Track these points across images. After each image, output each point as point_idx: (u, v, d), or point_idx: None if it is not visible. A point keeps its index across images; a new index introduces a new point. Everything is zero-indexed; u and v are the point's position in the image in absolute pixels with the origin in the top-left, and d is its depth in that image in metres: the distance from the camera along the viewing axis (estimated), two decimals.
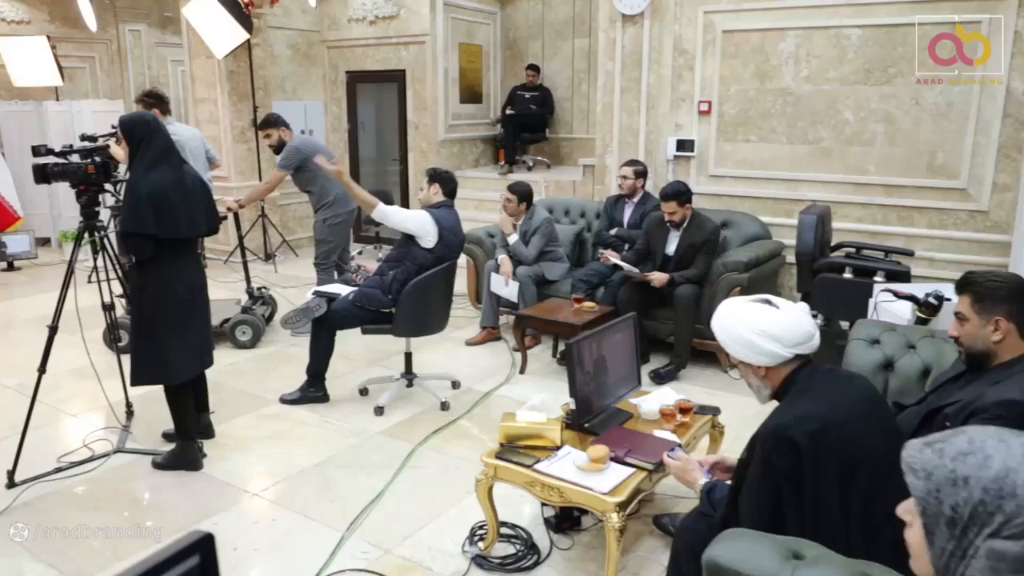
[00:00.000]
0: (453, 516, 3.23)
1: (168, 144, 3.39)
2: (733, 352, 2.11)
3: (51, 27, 8.97)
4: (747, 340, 2.04)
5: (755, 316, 2.05)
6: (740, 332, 2.05)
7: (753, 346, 2.03)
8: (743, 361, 2.09)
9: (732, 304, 2.15)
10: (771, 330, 2.01)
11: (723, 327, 2.11)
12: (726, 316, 2.12)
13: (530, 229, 5.25)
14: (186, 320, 3.48)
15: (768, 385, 2.08)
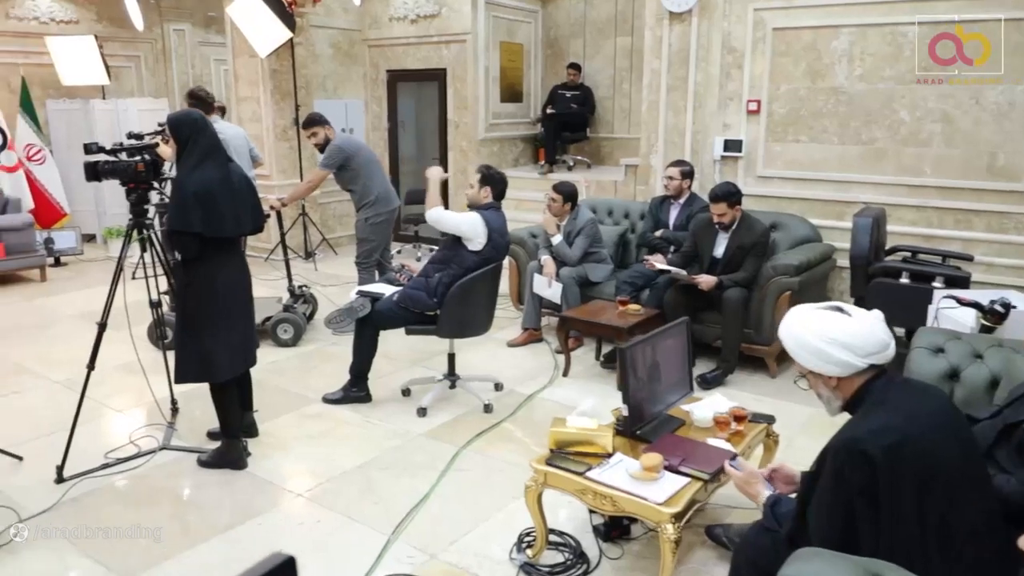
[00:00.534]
0: (499, 521, 3.17)
1: (215, 142, 3.38)
2: (803, 362, 2.01)
3: (98, 27, 9.10)
4: (817, 349, 1.95)
5: (826, 324, 1.96)
6: (810, 341, 1.96)
7: (824, 355, 1.94)
8: (813, 371, 2.00)
9: (801, 312, 2.06)
10: (843, 338, 1.92)
11: (792, 335, 2.02)
12: (795, 324, 2.03)
13: (574, 230, 5.17)
14: (231, 318, 3.47)
15: (840, 396, 1.99)
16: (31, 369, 4.99)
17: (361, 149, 5.63)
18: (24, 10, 8.71)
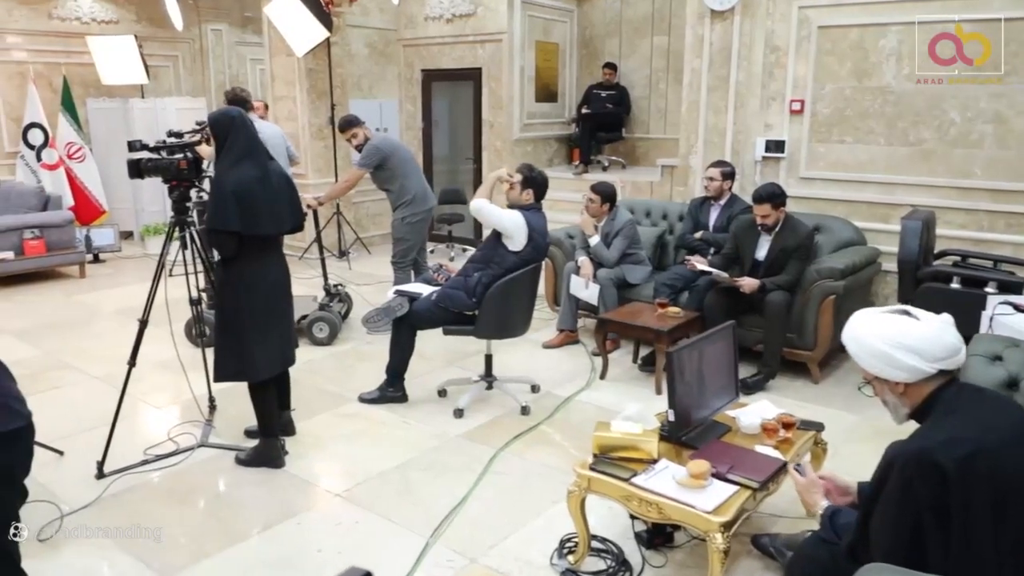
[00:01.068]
0: (539, 526, 3.12)
1: (253, 140, 3.37)
2: (868, 367, 1.94)
3: (138, 27, 9.21)
4: (884, 354, 1.87)
5: (893, 328, 1.89)
6: (876, 345, 1.89)
7: (891, 360, 1.86)
8: (879, 377, 1.92)
9: (866, 315, 1.99)
10: (911, 343, 1.85)
11: (856, 339, 1.95)
12: (859, 328, 1.96)
13: (612, 231, 5.11)
14: (269, 317, 3.46)
15: (907, 403, 1.91)
16: (71, 364, 5.04)
17: (398, 148, 5.62)
18: (66, 10, 8.83)
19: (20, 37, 8.51)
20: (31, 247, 7.15)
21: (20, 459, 1.87)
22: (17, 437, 1.83)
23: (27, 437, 1.88)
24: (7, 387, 1.84)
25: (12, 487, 1.86)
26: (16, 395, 1.86)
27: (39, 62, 8.57)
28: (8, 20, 8.40)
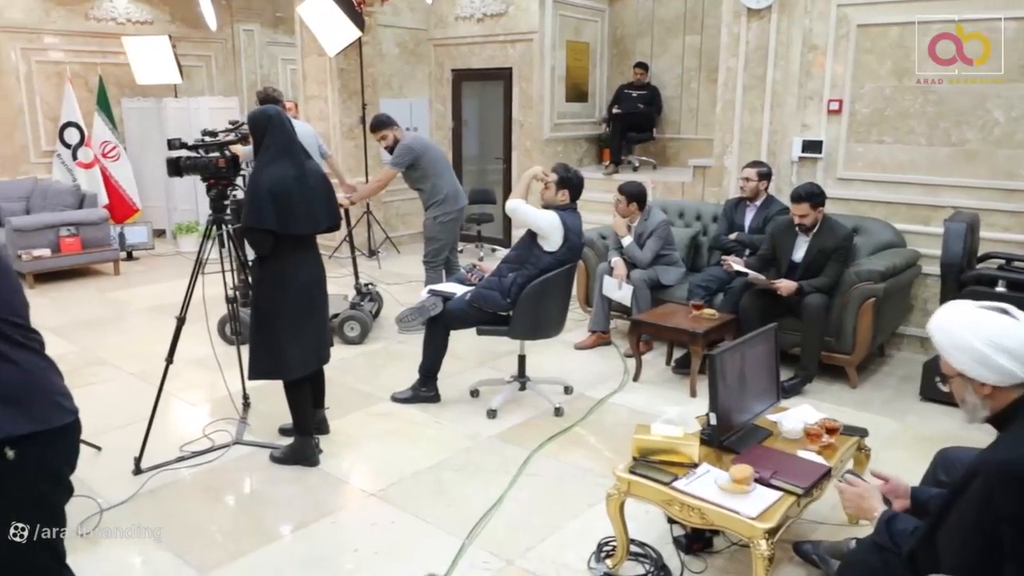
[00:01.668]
0: (576, 529, 3.09)
1: (290, 139, 3.37)
2: (955, 363, 1.84)
3: (172, 27, 9.31)
4: (978, 352, 1.78)
5: (992, 326, 1.79)
6: (970, 341, 1.79)
7: (984, 360, 1.77)
8: (964, 374, 1.84)
9: (961, 308, 1.88)
10: (1010, 344, 1.75)
11: (947, 332, 1.85)
12: (954, 320, 1.86)
13: (646, 231, 5.06)
14: (304, 316, 3.46)
15: (988, 407, 1.82)
16: (106, 360, 5.09)
17: (430, 148, 5.61)
18: (103, 11, 8.95)
19: (57, 37, 8.65)
20: (67, 244, 7.25)
21: (67, 456, 1.87)
22: (65, 434, 1.83)
23: (74, 434, 1.88)
24: (55, 383, 1.83)
25: (59, 484, 1.86)
26: (64, 391, 1.85)
27: (76, 62, 8.70)
28: (46, 21, 8.53)
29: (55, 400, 1.80)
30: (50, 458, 1.80)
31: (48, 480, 1.82)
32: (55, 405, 1.80)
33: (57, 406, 1.80)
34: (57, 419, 1.79)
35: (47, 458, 1.79)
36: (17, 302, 1.79)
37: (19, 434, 1.72)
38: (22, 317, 1.79)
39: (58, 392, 1.83)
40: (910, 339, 5.10)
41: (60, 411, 1.81)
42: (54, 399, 1.80)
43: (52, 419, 1.78)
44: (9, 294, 1.76)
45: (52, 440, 1.78)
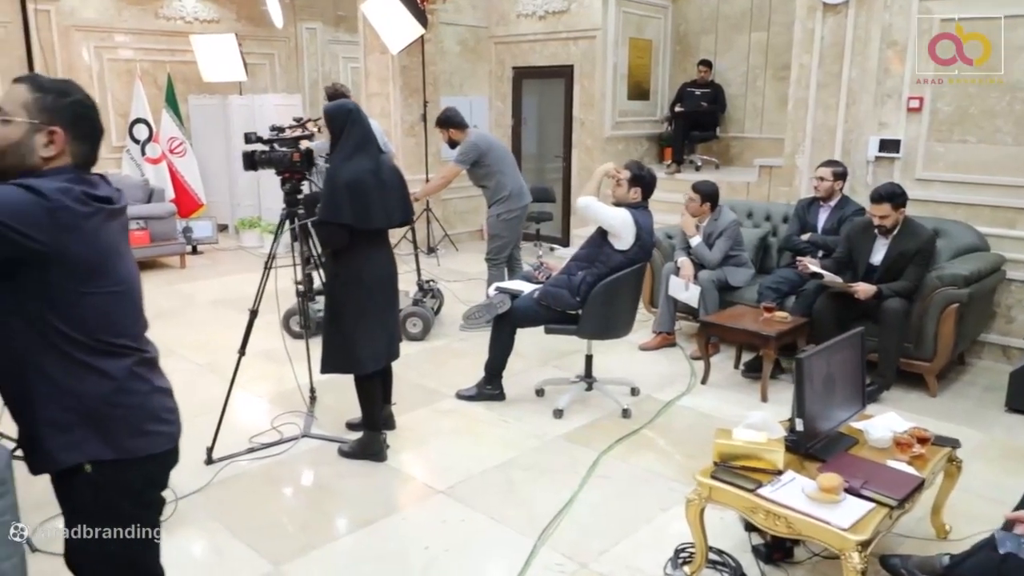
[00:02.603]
0: (649, 534, 3.02)
1: (367, 134, 3.37)
2: None
3: (238, 26, 9.47)
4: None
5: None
6: None
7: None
8: None
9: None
10: None
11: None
12: None
13: (715, 231, 4.95)
14: (377, 311, 3.46)
15: None
16: (175, 352, 5.16)
17: (495, 145, 5.58)
18: (172, 10, 9.16)
19: (128, 36, 8.87)
20: (136, 237, 7.40)
21: (152, 479, 1.84)
22: (149, 461, 1.79)
23: (164, 459, 1.84)
24: (151, 408, 1.78)
25: (140, 501, 1.84)
26: (160, 417, 1.80)
27: (145, 60, 8.91)
28: (118, 20, 8.76)
29: (143, 428, 1.75)
30: (131, 481, 1.77)
31: (129, 498, 1.78)
32: (141, 433, 1.74)
33: (144, 434, 1.75)
34: (142, 448, 1.75)
35: (126, 481, 1.76)
36: (129, 323, 1.75)
37: (98, 459, 1.70)
38: (130, 337, 1.75)
39: (152, 418, 1.77)
40: (991, 347, 4.88)
41: (147, 439, 1.75)
42: (142, 426, 1.75)
43: (136, 448, 1.74)
44: (120, 315, 1.73)
45: (134, 466, 1.75)
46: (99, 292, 1.66)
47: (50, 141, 1.65)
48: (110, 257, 1.69)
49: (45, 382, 1.64)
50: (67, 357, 1.64)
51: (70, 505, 1.77)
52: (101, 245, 1.66)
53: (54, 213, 1.56)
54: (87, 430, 1.68)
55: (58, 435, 1.67)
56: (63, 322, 1.62)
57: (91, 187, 1.68)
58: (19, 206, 1.53)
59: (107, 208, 1.69)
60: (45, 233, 1.54)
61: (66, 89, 1.69)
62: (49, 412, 1.66)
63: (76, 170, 1.69)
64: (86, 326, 1.65)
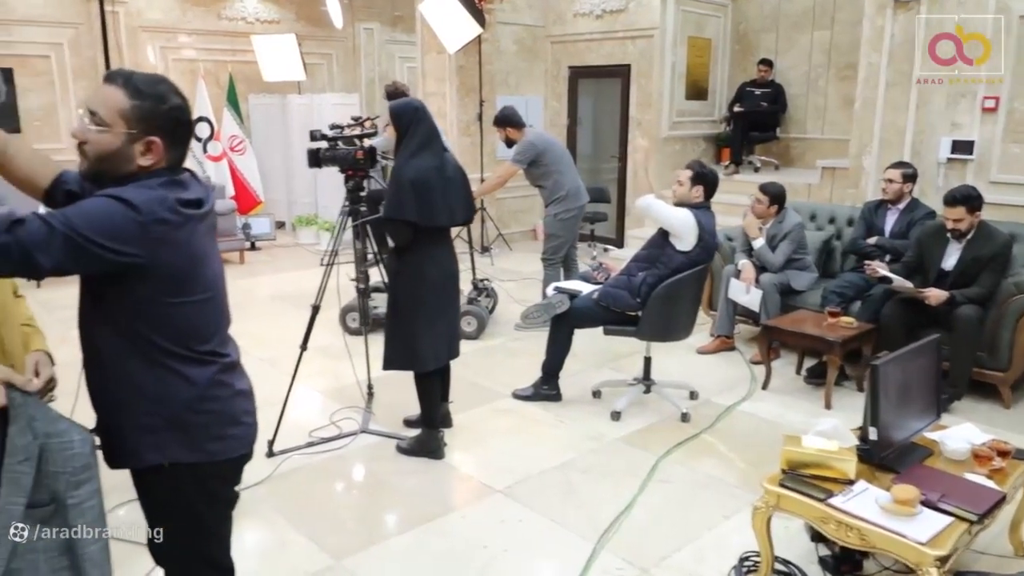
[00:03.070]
0: (711, 541, 2.96)
1: (432, 132, 3.38)
2: None
3: (297, 26, 9.62)
4: None
5: None
6: None
7: None
8: None
9: None
10: None
11: None
12: None
13: (779, 233, 4.84)
14: (439, 309, 3.47)
15: None
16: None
17: (552, 145, 5.55)
18: (234, 11, 9.35)
19: (192, 36, 9.09)
20: None
21: (229, 480, 1.87)
22: (227, 464, 1.82)
23: (240, 464, 1.87)
24: (232, 413, 1.80)
25: (216, 502, 1.86)
26: (240, 420, 1.82)
27: (208, 60, 9.12)
28: (182, 20, 8.98)
29: (223, 433, 1.77)
30: (208, 481, 1.79)
31: (205, 496, 1.81)
32: (220, 437, 1.76)
33: (223, 438, 1.77)
34: (221, 452, 1.77)
35: (203, 480, 1.78)
36: (213, 329, 1.76)
37: (184, 463, 1.72)
38: (215, 343, 1.76)
39: (232, 422, 1.79)
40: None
41: (225, 443, 1.77)
42: (223, 431, 1.76)
43: (215, 452, 1.76)
44: (205, 323, 1.73)
45: (212, 467, 1.77)
46: (186, 302, 1.66)
47: (148, 150, 1.62)
48: (197, 265, 1.68)
49: (132, 387, 1.67)
50: (154, 364, 1.66)
51: (149, 500, 1.81)
52: (190, 253, 1.65)
53: (147, 227, 1.54)
54: (170, 433, 1.70)
55: (143, 436, 1.70)
56: (151, 331, 1.63)
57: (183, 190, 1.65)
58: (111, 222, 1.51)
59: (199, 213, 1.67)
60: (137, 247, 1.53)
61: (162, 94, 1.63)
62: (135, 415, 1.69)
63: (169, 171, 1.66)
64: (173, 335, 1.66)
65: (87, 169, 1.65)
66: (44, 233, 1.46)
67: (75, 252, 1.48)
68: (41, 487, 1.58)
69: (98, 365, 1.70)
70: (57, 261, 1.48)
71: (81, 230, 1.48)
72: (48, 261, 1.47)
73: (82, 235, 1.48)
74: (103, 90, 1.62)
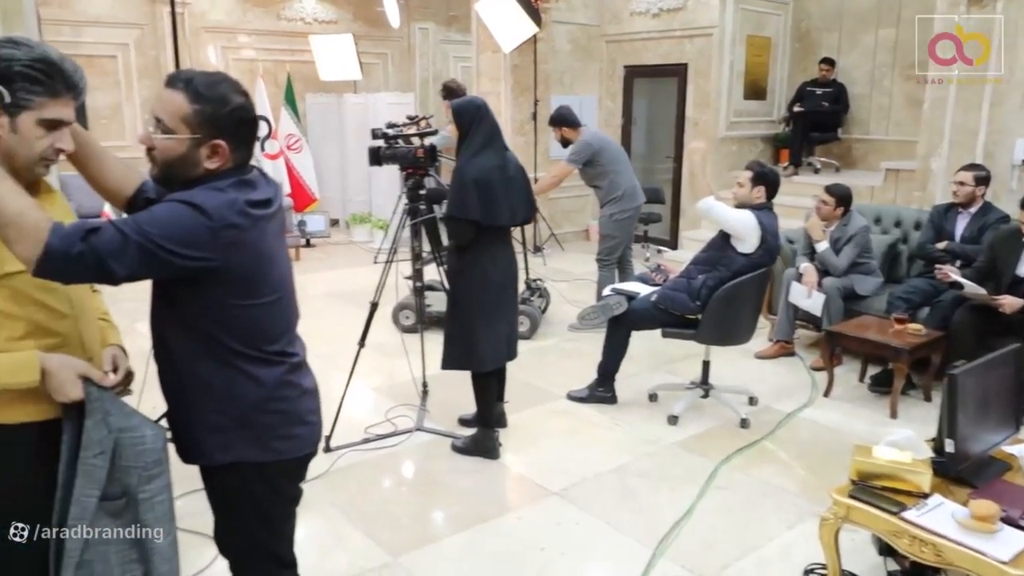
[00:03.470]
0: (774, 551, 2.89)
1: (495, 130, 3.36)
2: None
3: (354, 26, 9.72)
4: None
5: None
6: None
7: None
8: None
9: None
10: None
11: None
12: None
13: (843, 237, 4.71)
14: (499, 309, 3.45)
15: None
16: None
17: (608, 144, 5.50)
18: (292, 11, 9.49)
19: (251, 37, 9.25)
20: None
21: (294, 479, 1.88)
22: (294, 463, 1.84)
23: (305, 463, 1.89)
24: (299, 412, 1.81)
25: (282, 498, 1.87)
26: (306, 420, 1.84)
27: (267, 60, 9.27)
28: (243, 21, 9.15)
29: (290, 432, 1.78)
30: (274, 478, 1.81)
31: (271, 494, 1.82)
32: (287, 437, 1.77)
33: (290, 437, 1.78)
34: (287, 451, 1.78)
35: (269, 478, 1.80)
36: (281, 330, 1.77)
37: (252, 461, 1.74)
38: (283, 343, 1.76)
39: (298, 422, 1.80)
40: None
41: (291, 442, 1.78)
42: (289, 431, 1.77)
43: (282, 451, 1.77)
44: (272, 324, 1.74)
45: (278, 465, 1.78)
46: (254, 304, 1.67)
47: (213, 153, 1.62)
48: (265, 266, 1.68)
49: (202, 387, 1.69)
50: (225, 364, 1.67)
51: (217, 495, 1.84)
52: (259, 254, 1.65)
53: (218, 232, 1.54)
54: (239, 433, 1.72)
55: (213, 435, 1.72)
56: (221, 332, 1.65)
57: (252, 190, 1.65)
58: (183, 228, 1.52)
59: (268, 213, 1.68)
60: (209, 252, 1.54)
61: (224, 95, 1.62)
62: (205, 414, 1.71)
63: (237, 171, 1.67)
64: (242, 336, 1.67)
65: (157, 174, 1.68)
66: (118, 241, 1.47)
67: (148, 259, 1.50)
68: (114, 481, 1.61)
69: (169, 365, 1.73)
70: (131, 268, 1.50)
71: (153, 237, 1.49)
72: (122, 269, 1.49)
73: (154, 242, 1.49)
74: (165, 95, 1.62)
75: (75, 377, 1.57)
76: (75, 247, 1.44)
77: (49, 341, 1.62)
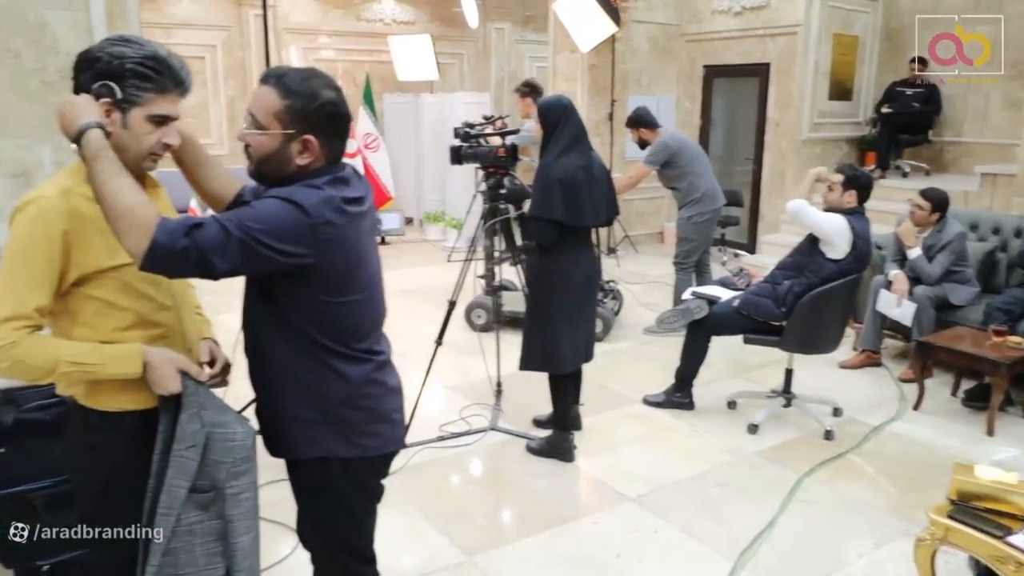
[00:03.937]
0: (861, 569, 2.78)
1: (580, 130, 3.33)
2: None
3: (431, 27, 9.82)
4: None
5: None
6: None
7: None
8: None
9: None
10: None
11: None
12: None
13: (938, 243, 4.50)
14: (579, 311, 3.42)
15: None
16: None
17: (687, 145, 5.40)
18: (372, 13, 9.65)
19: (331, 38, 9.44)
20: None
21: (377, 475, 1.90)
22: (378, 460, 1.86)
23: (389, 459, 1.92)
24: (384, 410, 1.83)
25: (366, 493, 1.90)
26: (390, 418, 1.85)
27: (346, 60, 9.44)
28: (323, 22, 9.35)
29: (375, 429, 1.79)
30: (359, 474, 1.83)
31: (355, 489, 1.85)
32: (372, 434, 1.79)
33: (375, 435, 1.79)
34: (372, 448, 1.80)
35: (354, 474, 1.82)
36: (369, 327, 1.79)
37: (338, 456, 1.76)
38: (370, 340, 1.78)
39: (383, 419, 1.81)
40: None
41: (376, 439, 1.80)
42: (375, 428, 1.79)
43: (367, 447, 1.79)
44: (361, 322, 1.76)
45: (363, 461, 1.80)
46: (345, 302, 1.68)
47: (304, 149, 1.64)
48: (355, 264, 1.70)
49: (295, 383, 1.72)
50: (316, 361, 1.70)
51: (301, 489, 1.86)
52: (351, 252, 1.67)
53: (316, 229, 1.56)
54: (327, 428, 1.74)
55: (301, 430, 1.74)
56: (313, 328, 1.67)
57: (346, 187, 1.67)
58: (283, 224, 1.54)
59: (361, 211, 1.69)
60: (307, 248, 1.56)
61: (313, 90, 1.63)
62: (296, 409, 1.73)
63: (331, 168, 1.67)
64: (332, 333, 1.69)
65: (253, 170, 1.71)
66: (221, 237, 1.50)
67: (249, 255, 1.52)
68: (203, 474, 1.65)
69: (261, 359, 1.75)
70: (232, 264, 1.52)
71: (254, 233, 1.51)
72: (224, 264, 1.51)
73: (255, 238, 1.51)
74: (259, 92, 1.65)
75: (174, 371, 1.62)
76: (180, 242, 1.48)
77: (153, 332, 1.66)
